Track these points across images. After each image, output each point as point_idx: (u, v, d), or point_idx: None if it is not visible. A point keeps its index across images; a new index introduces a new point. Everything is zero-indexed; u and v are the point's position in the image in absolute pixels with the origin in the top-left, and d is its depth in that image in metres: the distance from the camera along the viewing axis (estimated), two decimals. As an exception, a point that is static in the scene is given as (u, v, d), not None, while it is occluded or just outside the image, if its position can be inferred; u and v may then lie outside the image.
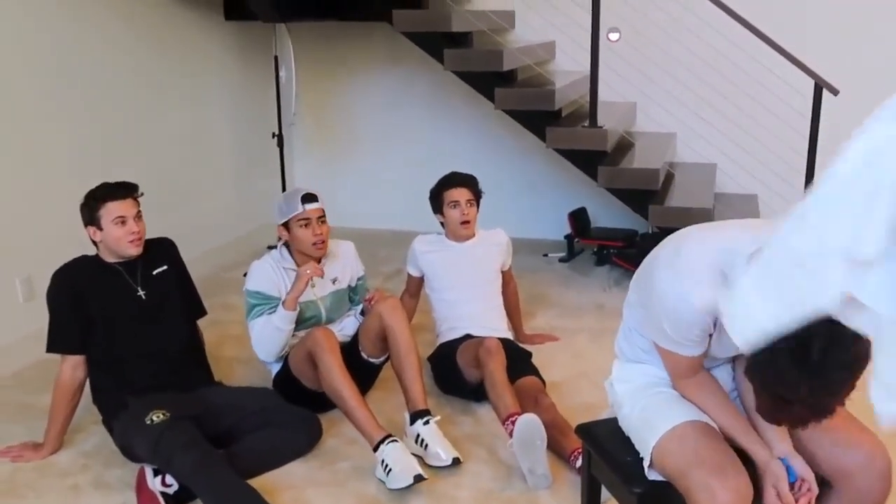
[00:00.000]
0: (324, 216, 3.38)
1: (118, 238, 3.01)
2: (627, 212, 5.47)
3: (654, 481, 2.09)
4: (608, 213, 5.62)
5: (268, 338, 3.31)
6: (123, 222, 3.00)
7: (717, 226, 2.03)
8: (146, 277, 3.15)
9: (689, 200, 4.48)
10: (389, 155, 6.03)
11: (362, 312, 3.53)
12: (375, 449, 2.90)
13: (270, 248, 3.78)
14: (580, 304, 4.65)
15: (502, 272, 3.86)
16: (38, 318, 3.37)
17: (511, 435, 2.94)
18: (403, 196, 6.01)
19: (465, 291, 3.70)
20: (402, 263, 5.24)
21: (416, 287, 3.90)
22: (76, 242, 3.32)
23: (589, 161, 4.47)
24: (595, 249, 5.37)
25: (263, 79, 5.64)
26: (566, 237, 5.44)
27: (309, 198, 3.34)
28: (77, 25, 4.17)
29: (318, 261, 3.40)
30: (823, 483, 2.06)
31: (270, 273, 3.36)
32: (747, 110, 5.25)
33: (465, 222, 3.69)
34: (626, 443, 2.22)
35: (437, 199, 3.75)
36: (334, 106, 6.02)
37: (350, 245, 3.64)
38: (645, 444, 2.09)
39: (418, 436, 3.04)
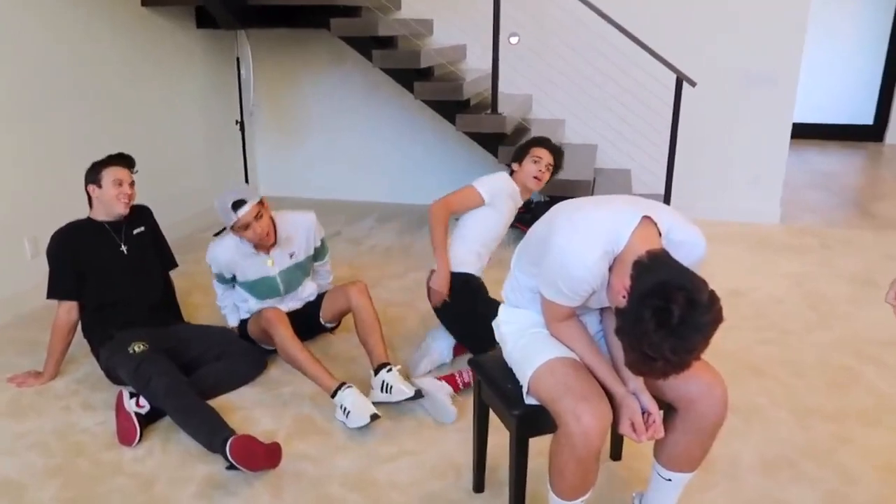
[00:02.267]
0: (260, 212, 2.89)
1: (112, 196, 2.96)
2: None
3: (530, 405, 1.97)
4: (511, 185, 5.44)
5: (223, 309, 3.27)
6: (120, 184, 2.97)
7: (602, 201, 1.88)
8: (128, 235, 3.08)
9: (574, 174, 4.34)
10: (332, 138, 5.80)
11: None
12: (333, 395, 2.72)
13: (216, 234, 3.51)
14: (487, 257, 4.49)
15: None
16: (43, 272, 3.38)
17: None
18: (343, 170, 5.83)
19: (499, 239, 3.24)
20: (341, 226, 5.09)
21: (469, 205, 3.14)
22: (73, 209, 3.24)
23: (492, 142, 4.32)
24: (500, 214, 5.18)
25: (228, 76, 5.41)
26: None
27: (238, 204, 2.84)
28: (73, 34, 3.97)
29: (271, 248, 3.06)
30: (670, 408, 1.97)
31: (222, 257, 3.04)
32: (622, 100, 5.15)
33: (538, 179, 3.16)
34: (510, 373, 2.09)
35: (524, 150, 3.21)
36: (288, 98, 5.77)
37: (308, 217, 3.16)
38: (523, 375, 1.97)
39: (383, 382, 2.81)
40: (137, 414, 2.65)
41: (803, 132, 8.18)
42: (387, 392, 2.79)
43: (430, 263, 4.36)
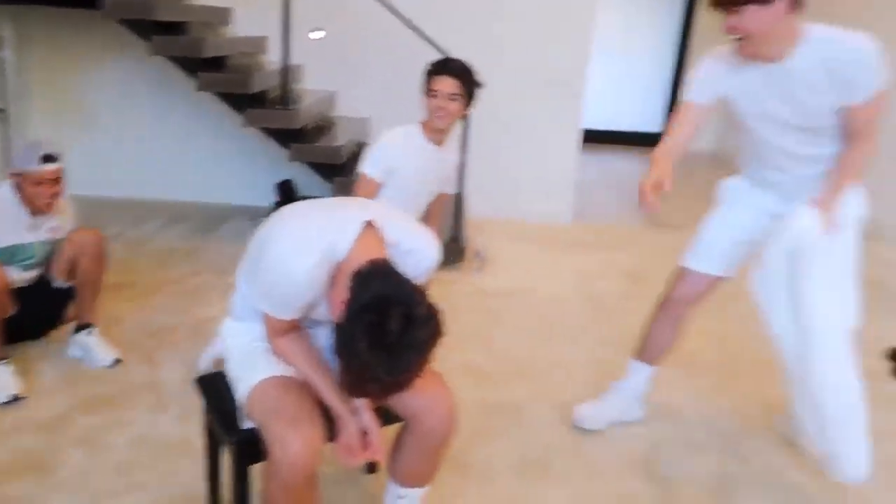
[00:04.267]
0: (59, 176, 2.78)
1: None
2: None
3: (251, 429, 1.81)
4: (314, 185, 5.22)
5: None
6: None
7: (329, 204, 1.81)
8: None
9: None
10: (120, 130, 5.33)
11: None
12: None
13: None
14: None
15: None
16: None
17: None
18: (132, 166, 5.38)
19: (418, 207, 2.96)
20: (124, 227, 4.61)
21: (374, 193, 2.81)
22: None
23: (286, 138, 4.16)
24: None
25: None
26: (275, 204, 5.00)
27: (48, 159, 2.73)
28: None
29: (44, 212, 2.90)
30: (401, 421, 1.91)
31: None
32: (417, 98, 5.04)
33: (444, 111, 2.77)
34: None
35: (425, 83, 2.85)
36: (68, 86, 5.25)
37: (70, 202, 3.07)
38: (239, 396, 1.83)
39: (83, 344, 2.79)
40: None
41: (599, 138, 8.38)
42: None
43: (217, 267, 4.08)
